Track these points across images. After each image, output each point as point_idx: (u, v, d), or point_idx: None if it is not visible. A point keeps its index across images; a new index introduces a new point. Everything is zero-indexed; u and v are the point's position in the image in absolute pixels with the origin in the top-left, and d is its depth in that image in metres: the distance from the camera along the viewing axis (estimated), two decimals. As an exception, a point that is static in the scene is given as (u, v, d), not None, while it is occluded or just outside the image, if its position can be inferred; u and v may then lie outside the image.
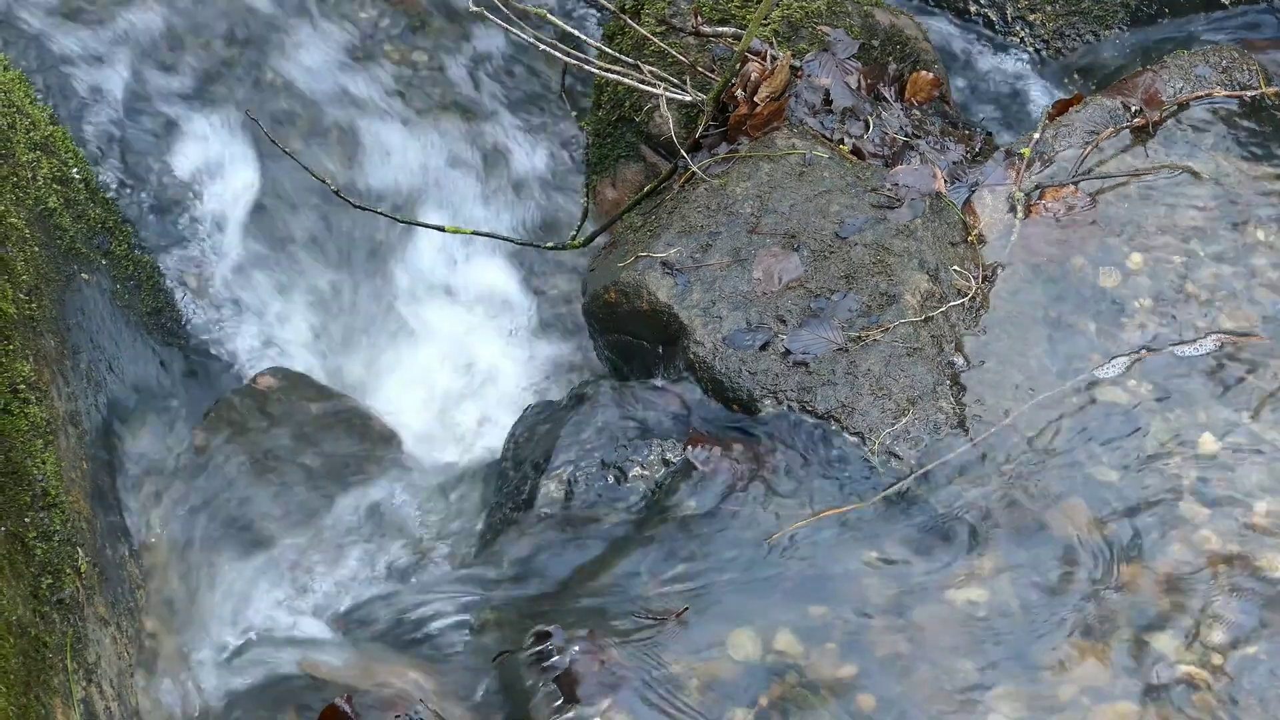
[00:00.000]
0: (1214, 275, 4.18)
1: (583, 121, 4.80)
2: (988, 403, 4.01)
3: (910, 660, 3.60)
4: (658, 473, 4.02)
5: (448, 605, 3.91)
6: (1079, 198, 4.31)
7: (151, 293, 4.55)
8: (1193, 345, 4.08)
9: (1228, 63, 4.56)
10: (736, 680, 3.57)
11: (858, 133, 4.53)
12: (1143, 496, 3.83)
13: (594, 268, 4.45)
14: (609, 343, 4.39)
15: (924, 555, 3.78)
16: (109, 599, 3.82)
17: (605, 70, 4.50)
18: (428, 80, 5.02)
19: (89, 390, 4.09)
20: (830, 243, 4.23)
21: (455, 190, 4.92)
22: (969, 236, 4.29)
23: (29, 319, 3.80)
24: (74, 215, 4.28)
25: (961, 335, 4.12)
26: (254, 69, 4.88)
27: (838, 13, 4.74)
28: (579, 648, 3.58)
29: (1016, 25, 5.11)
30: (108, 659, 3.72)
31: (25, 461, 3.59)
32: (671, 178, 4.47)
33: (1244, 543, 3.74)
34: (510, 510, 4.09)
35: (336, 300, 4.81)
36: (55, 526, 3.61)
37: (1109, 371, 4.03)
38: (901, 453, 3.94)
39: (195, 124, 4.80)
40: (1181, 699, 3.51)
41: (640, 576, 3.80)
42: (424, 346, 4.83)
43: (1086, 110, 4.49)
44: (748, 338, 4.10)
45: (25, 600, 3.44)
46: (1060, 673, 3.56)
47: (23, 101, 4.28)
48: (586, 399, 4.16)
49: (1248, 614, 3.62)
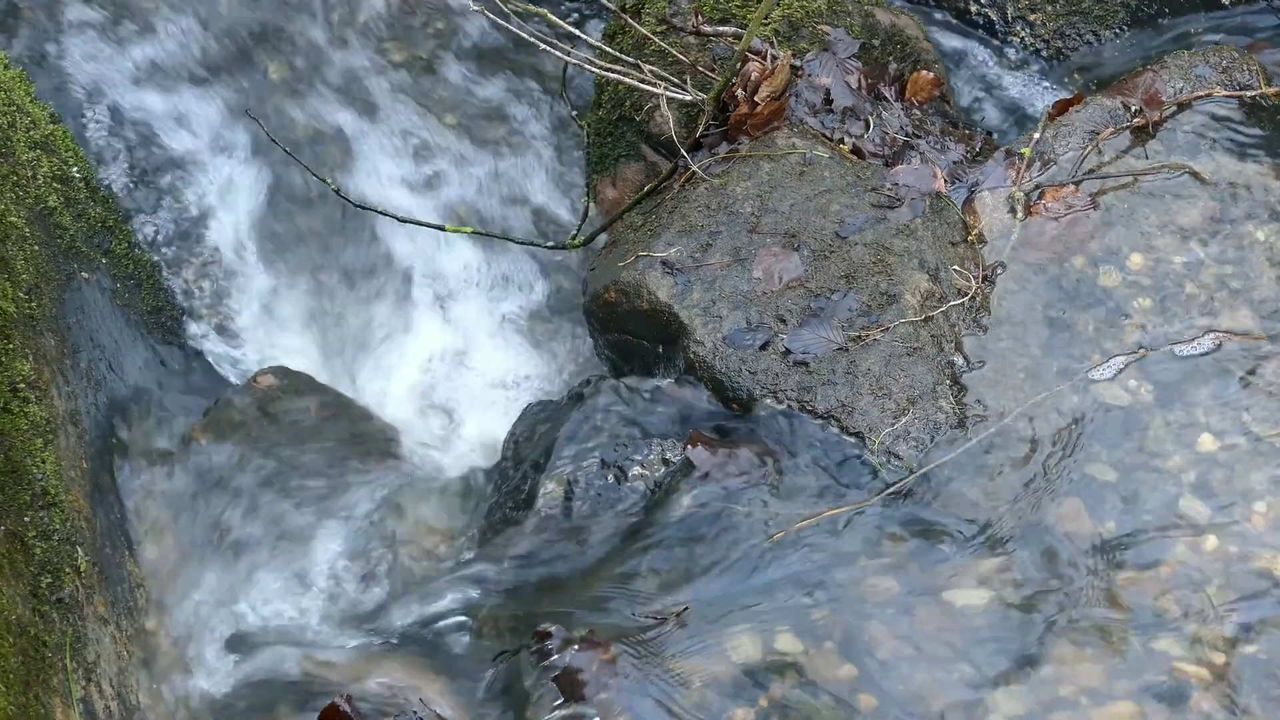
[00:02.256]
0: (1214, 275, 4.18)
1: (583, 120, 4.80)
2: (988, 402, 4.01)
3: (910, 660, 3.60)
4: (658, 472, 4.02)
5: (447, 604, 3.91)
6: (1079, 198, 4.31)
7: (151, 291, 4.55)
8: (1191, 344, 4.07)
9: (1228, 63, 4.56)
10: (737, 680, 3.57)
11: (858, 132, 4.53)
12: (1142, 496, 3.83)
13: (594, 267, 4.45)
14: (609, 342, 4.39)
15: (923, 555, 3.78)
16: (108, 598, 3.82)
17: (606, 70, 4.50)
18: (428, 78, 5.02)
19: (89, 389, 4.08)
20: (830, 242, 4.23)
21: (455, 189, 4.92)
22: (969, 236, 4.29)
23: (29, 318, 3.80)
24: (74, 214, 4.28)
25: (961, 335, 4.12)
26: (256, 66, 4.88)
27: (838, 12, 4.74)
28: (579, 647, 3.58)
29: (1017, 25, 5.11)
30: (107, 658, 3.72)
31: (25, 460, 3.59)
32: (672, 177, 4.47)
33: (1243, 542, 3.74)
34: (510, 509, 4.09)
35: (336, 300, 4.81)
36: (55, 525, 3.61)
37: (1106, 371, 4.03)
38: (901, 452, 3.94)
39: (196, 122, 4.80)
40: (1181, 699, 3.51)
41: (640, 576, 3.80)
42: (423, 345, 4.83)
43: (1087, 110, 4.49)
44: (748, 337, 4.10)
45: (25, 599, 3.44)
46: (1060, 673, 3.56)
47: (23, 100, 4.28)
48: (586, 398, 4.16)
49: (1247, 614, 3.62)
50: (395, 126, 4.92)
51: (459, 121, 4.98)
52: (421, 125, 4.94)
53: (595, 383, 4.21)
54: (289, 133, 4.81)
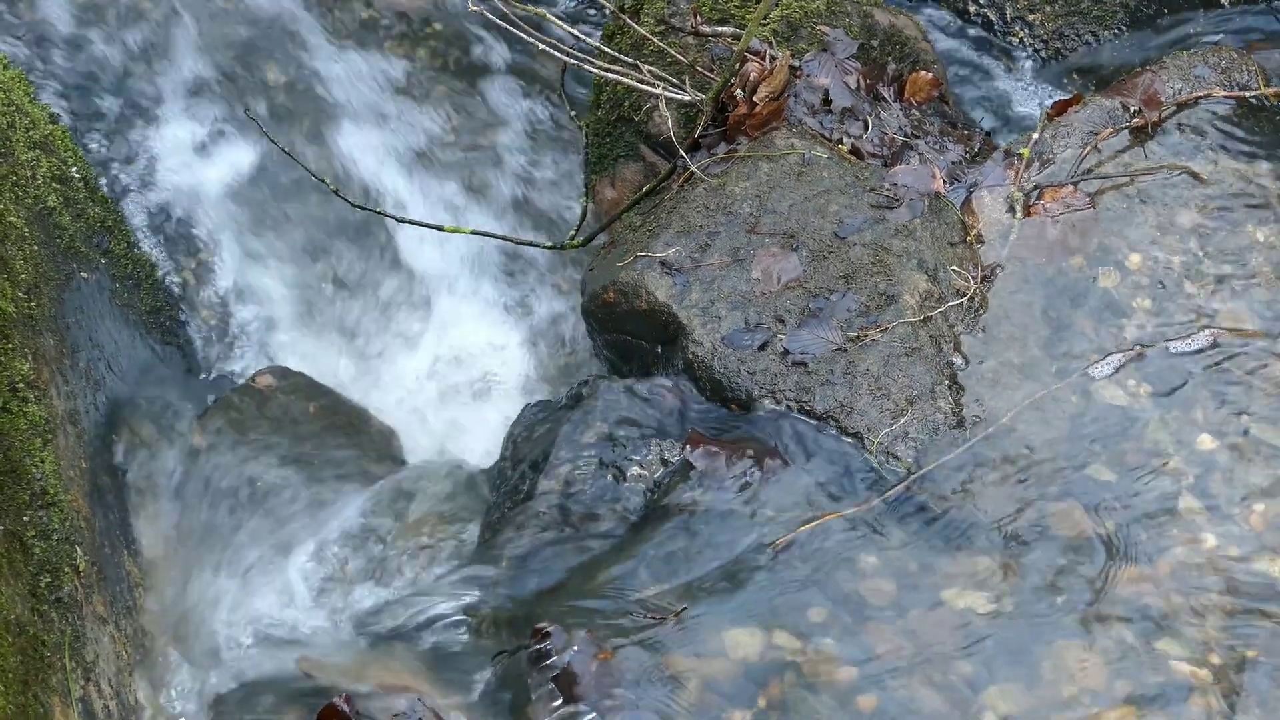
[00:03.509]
0: (1213, 275, 4.18)
1: (582, 121, 4.80)
2: (986, 402, 4.01)
3: (909, 661, 3.60)
4: (656, 472, 4.02)
5: (446, 605, 3.91)
6: (1078, 198, 4.31)
7: (151, 291, 4.55)
8: (1185, 341, 4.08)
9: (1227, 63, 4.56)
10: (735, 680, 3.57)
11: (857, 133, 4.53)
12: (1141, 496, 3.84)
13: (593, 267, 4.45)
14: (607, 342, 4.39)
15: (922, 555, 3.78)
16: (107, 597, 3.82)
17: (605, 70, 4.50)
18: (427, 78, 5.03)
19: (88, 389, 4.09)
20: (829, 243, 4.23)
21: (454, 189, 4.93)
22: (968, 237, 4.29)
23: (28, 317, 3.80)
24: (73, 214, 4.28)
25: (960, 335, 4.12)
26: (255, 68, 4.88)
27: (837, 13, 4.74)
28: (578, 647, 3.58)
29: (1016, 25, 5.12)
30: (106, 657, 3.72)
31: (24, 460, 3.59)
32: (670, 177, 4.47)
33: (1243, 543, 3.74)
34: (509, 509, 4.09)
35: (335, 300, 4.81)
36: (54, 525, 3.61)
37: (1103, 370, 4.03)
38: (900, 453, 3.94)
39: (195, 123, 4.81)
40: (1181, 699, 3.51)
41: (639, 576, 3.80)
42: (422, 345, 4.83)
43: (1085, 110, 4.49)
44: (746, 337, 4.10)
45: (24, 599, 3.44)
46: (1059, 673, 3.56)
47: (22, 100, 4.28)
48: (585, 398, 4.16)
49: (1246, 614, 3.63)
50: (396, 127, 4.92)
51: (459, 120, 4.99)
52: (419, 123, 4.95)
53: (594, 383, 4.21)
54: (289, 132, 4.81)
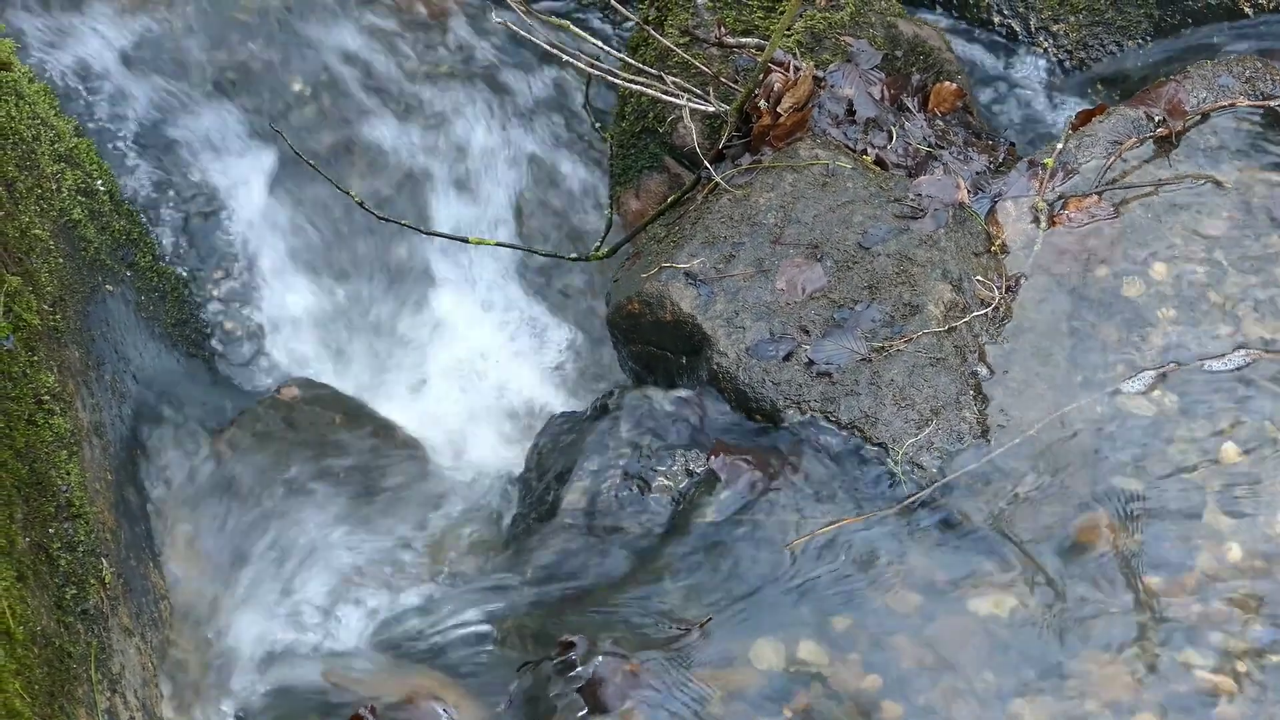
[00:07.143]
0: (1238, 285, 4.17)
1: (606, 132, 4.80)
2: (1011, 413, 4.00)
3: (934, 670, 3.59)
4: (681, 483, 4.02)
5: (471, 615, 3.92)
6: (1102, 208, 4.31)
7: (176, 304, 4.56)
8: (1221, 360, 4.07)
9: (1251, 73, 4.55)
10: (761, 691, 3.57)
11: (881, 143, 4.53)
12: (1167, 507, 3.83)
13: (618, 278, 4.45)
14: (632, 353, 4.39)
15: (947, 565, 3.77)
16: (133, 609, 3.83)
17: (629, 82, 4.51)
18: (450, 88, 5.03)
19: (113, 401, 4.10)
20: (853, 253, 4.23)
21: (479, 202, 4.93)
22: (992, 247, 4.29)
23: (53, 330, 3.81)
24: (98, 227, 4.30)
25: (985, 345, 4.11)
26: (281, 82, 4.89)
27: (861, 24, 4.74)
28: (603, 658, 3.58)
29: (1040, 36, 5.11)
30: (132, 669, 3.73)
31: (49, 472, 3.60)
32: (695, 188, 4.47)
33: (1269, 554, 3.73)
34: (534, 520, 4.09)
35: (360, 312, 4.82)
36: (80, 537, 3.62)
37: (1135, 385, 4.03)
38: (925, 463, 3.93)
39: (220, 136, 4.81)
40: (1206, 710, 3.49)
41: (663, 586, 3.80)
42: (447, 358, 4.83)
43: (1110, 120, 4.48)
44: (771, 348, 4.10)
45: (49, 610, 3.45)
46: (1084, 683, 3.55)
47: (47, 113, 4.30)
48: (610, 410, 4.16)
49: (1273, 624, 3.61)
50: (416, 135, 4.92)
51: (484, 133, 4.99)
52: (448, 137, 4.95)
53: (618, 394, 4.21)
54: (313, 145, 4.82)
